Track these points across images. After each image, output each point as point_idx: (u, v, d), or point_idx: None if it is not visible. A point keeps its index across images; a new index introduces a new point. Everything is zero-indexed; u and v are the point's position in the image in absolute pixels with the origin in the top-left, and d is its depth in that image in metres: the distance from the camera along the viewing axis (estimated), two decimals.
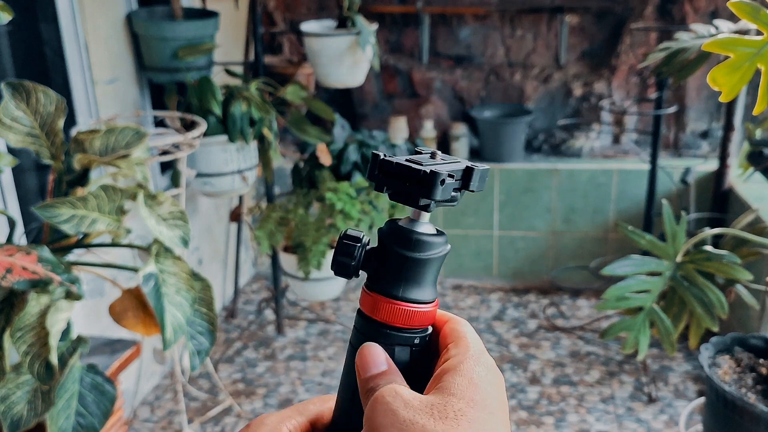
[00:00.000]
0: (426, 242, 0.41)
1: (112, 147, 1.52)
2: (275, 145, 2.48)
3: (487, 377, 0.39)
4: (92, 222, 1.39)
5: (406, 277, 0.41)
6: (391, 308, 0.41)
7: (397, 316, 0.42)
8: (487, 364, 0.40)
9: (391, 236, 0.42)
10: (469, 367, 0.39)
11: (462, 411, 0.37)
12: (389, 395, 0.38)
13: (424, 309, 0.42)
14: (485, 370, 0.40)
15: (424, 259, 0.41)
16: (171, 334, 1.42)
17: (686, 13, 3.02)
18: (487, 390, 0.38)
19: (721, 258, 1.85)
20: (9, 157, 1.44)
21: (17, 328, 1.26)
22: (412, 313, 0.42)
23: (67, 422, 1.39)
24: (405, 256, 0.41)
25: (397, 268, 0.41)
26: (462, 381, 0.38)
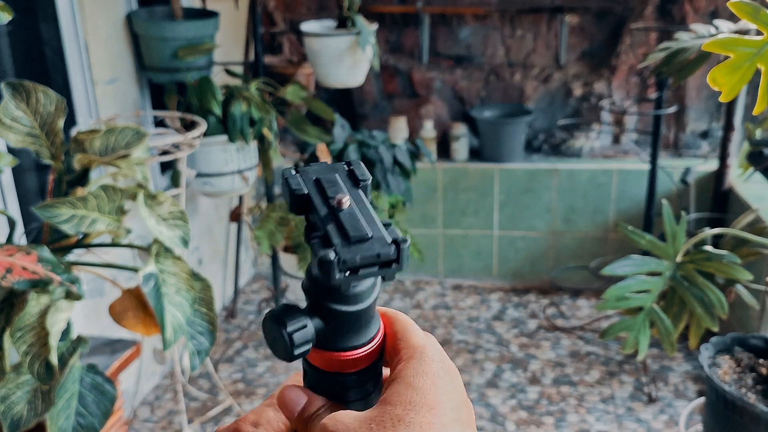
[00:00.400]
0: (351, 295, 0.38)
1: (112, 147, 1.52)
2: (275, 145, 2.48)
3: (428, 374, 0.38)
4: (92, 222, 1.39)
5: (336, 329, 0.39)
6: (328, 358, 0.40)
7: (334, 365, 0.40)
8: (428, 360, 0.39)
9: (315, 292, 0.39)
10: (410, 370, 0.38)
11: (399, 416, 0.36)
12: (331, 424, 0.38)
13: (363, 352, 0.40)
14: (426, 366, 0.38)
15: (357, 310, 0.39)
16: (171, 334, 1.42)
17: (686, 13, 3.02)
18: (427, 388, 0.37)
19: (721, 258, 1.85)
20: (9, 157, 1.44)
21: (17, 328, 1.26)
22: (349, 361, 0.40)
23: (67, 422, 1.39)
24: (331, 310, 0.38)
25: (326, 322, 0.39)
26: (400, 387, 0.38)
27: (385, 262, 0.37)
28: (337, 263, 0.35)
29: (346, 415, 0.38)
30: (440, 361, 0.39)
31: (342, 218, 0.37)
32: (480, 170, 3.17)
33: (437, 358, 0.39)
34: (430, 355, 0.39)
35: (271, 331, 0.39)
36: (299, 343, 0.38)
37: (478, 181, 3.18)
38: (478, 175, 3.17)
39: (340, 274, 0.36)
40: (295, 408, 0.41)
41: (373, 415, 0.37)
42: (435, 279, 3.33)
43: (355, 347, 0.40)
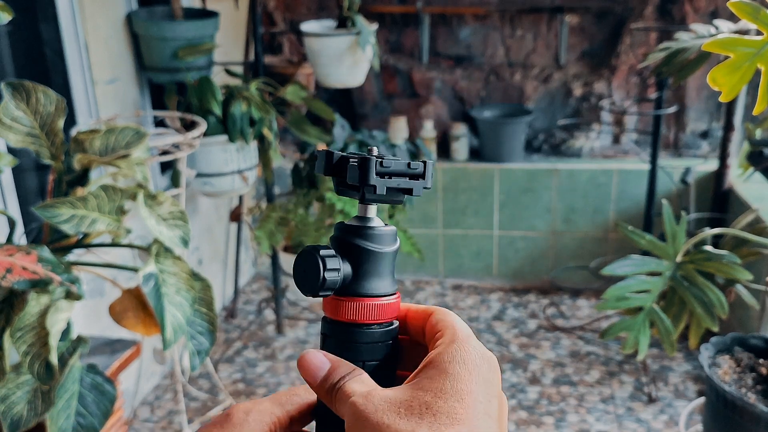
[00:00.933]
0: (379, 234, 0.42)
1: (112, 147, 1.52)
2: (275, 145, 2.48)
3: (465, 362, 0.37)
4: (92, 222, 1.39)
5: (364, 272, 0.42)
6: (353, 306, 0.41)
7: (360, 313, 0.41)
8: (468, 348, 0.38)
9: (345, 233, 0.42)
10: (448, 355, 0.38)
11: (428, 403, 0.36)
12: (361, 402, 0.37)
13: (386, 301, 0.42)
14: (465, 354, 0.38)
15: (379, 252, 0.42)
16: (171, 334, 1.42)
17: (686, 13, 3.02)
18: (461, 376, 0.37)
19: (721, 258, 1.85)
20: (9, 157, 1.44)
21: (17, 328, 1.26)
22: (374, 307, 0.42)
23: (67, 422, 1.39)
24: (361, 249, 0.41)
25: (354, 265, 0.42)
26: (433, 372, 0.37)
27: (414, 174, 0.41)
28: (375, 163, 0.40)
29: (376, 394, 0.37)
30: (480, 351, 0.39)
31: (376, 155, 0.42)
32: (480, 170, 3.17)
33: (478, 347, 0.39)
34: (472, 343, 0.39)
35: (304, 262, 0.41)
36: (331, 267, 0.40)
37: (478, 181, 3.18)
38: (478, 175, 3.17)
39: (377, 176, 0.40)
40: (317, 374, 0.40)
41: (404, 398, 0.36)
42: (435, 279, 3.33)
43: (377, 295, 0.42)
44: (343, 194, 0.43)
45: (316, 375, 0.40)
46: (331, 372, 0.40)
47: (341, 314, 0.42)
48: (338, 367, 0.40)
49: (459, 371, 0.37)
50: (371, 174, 0.40)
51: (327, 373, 0.40)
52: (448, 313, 0.42)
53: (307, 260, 0.41)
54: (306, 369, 0.41)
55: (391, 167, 0.41)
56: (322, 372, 0.40)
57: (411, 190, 0.41)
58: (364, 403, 0.37)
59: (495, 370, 0.39)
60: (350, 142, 2.61)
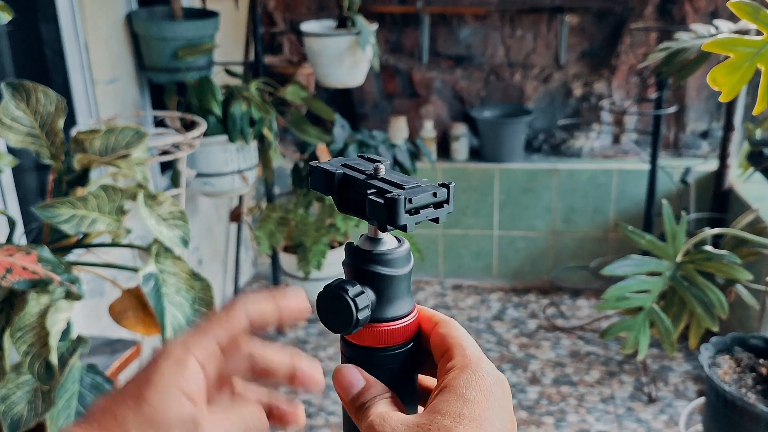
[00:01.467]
0: (397, 258, 0.41)
1: (112, 147, 1.52)
2: (275, 145, 2.48)
3: (481, 388, 0.38)
4: (92, 222, 1.39)
5: (383, 296, 0.41)
6: (377, 332, 0.41)
7: (378, 338, 0.41)
8: (482, 373, 0.39)
9: (361, 260, 0.41)
10: (463, 380, 0.38)
11: (447, 427, 0.36)
12: (378, 424, 0.38)
13: (403, 324, 0.42)
14: (480, 379, 0.38)
15: (399, 276, 0.41)
16: (171, 334, 1.42)
17: (686, 13, 3.02)
18: (479, 402, 0.37)
19: (721, 258, 1.85)
20: (9, 157, 1.44)
21: (17, 328, 1.26)
22: (391, 332, 0.41)
23: (68, 422, 1.39)
24: (381, 276, 0.40)
25: (375, 291, 0.41)
26: (451, 397, 0.38)
27: (438, 202, 0.40)
28: (404, 201, 0.38)
29: (394, 416, 0.38)
30: (494, 375, 0.39)
31: (387, 177, 0.40)
32: (480, 170, 3.17)
33: (491, 372, 0.39)
34: (485, 368, 0.39)
35: (331, 301, 0.40)
36: (362, 306, 0.40)
37: (478, 181, 3.18)
38: (478, 175, 3.17)
39: (406, 214, 0.38)
40: (351, 390, 0.41)
41: (421, 421, 0.37)
42: (435, 279, 3.33)
43: (399, 317, 0.41)
44: (348, 214, 0.41)
45: (349, 390, 0.41)
46: (364, 391, 0.41)
47: (365, 340, 0.41)
48: (372, 387, 0.41)
49: (476, 397, 0.37)
50: (400, 214, 0.38)
51: (360, 391, 0.41)
52: (454, 327, 0.42)
53: (335, 300, 0.40)
54: (340, 383, 0.41)
55: (419, 202, 0.39)
56: (355, 389, 0.41)
57: (437, 219, 0.40)
58: (381, 423, 0.38)
59: (507, 393, 0.39)
60: (350, 142, 2.61)
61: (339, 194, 0.41)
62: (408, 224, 0.38)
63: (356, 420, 0.40)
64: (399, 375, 0.42)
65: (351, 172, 0.41)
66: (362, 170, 0.41)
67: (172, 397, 0.38)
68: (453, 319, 0.43)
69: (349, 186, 0.41)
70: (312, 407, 2.45)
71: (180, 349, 0.40)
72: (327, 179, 0.41)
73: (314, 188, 0.42)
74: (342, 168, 0.41)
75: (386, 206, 0.38)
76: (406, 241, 0.42)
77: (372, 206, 0.39)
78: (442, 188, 0.40)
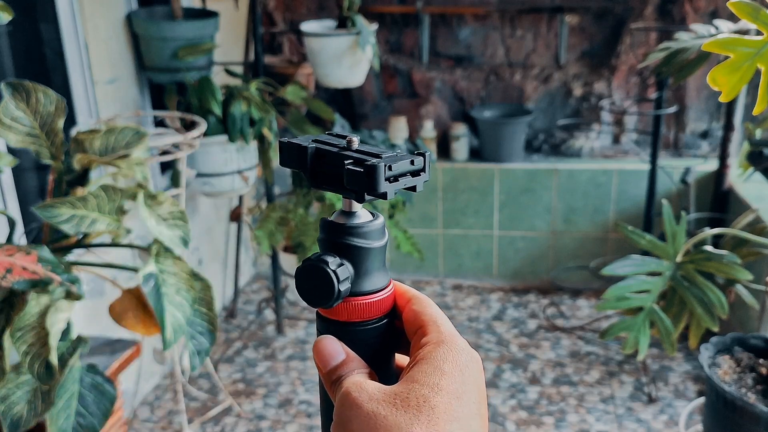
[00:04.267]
0: (371, 230, 0.41)
1: (112, 147, 1.52)
2: (275, 145, 2.48)
3: (457, 363, 0.38)
4: (92, 222, 1.39)
5: (359, 270, 0.41)
6: (353, 306, 0.41)
7: (354, 312, 0.41)
8: (458, 349, 0.39)
9: (337, 233, 0.41)
10: (440, 354, 0.38)
11: (425, 397, 0.36)
12: (354, 390, 0.38)
13: (380, 297, 0.42)
14: (456, 355, 0.39)
15: (374, 248, 0.41)
16: (171, 334, 1.42)
17: (686, 13, 3.02)
18: (455, 375, 0.37)
19: (721, 258, 1.85)
20: (9, 157, 1.44)
21: (17, 328, 1.26)
22: (367, 305, 0.41)
23: (67, 422, 1.39)
24: (357, 248, 0.40)
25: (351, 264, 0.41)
26: (428, 368, 0.38)
27: (415, 170, 0.40)
28: (384, 168, 0.38)
29: (370, 384, 0.38)
30: (468, 352, 0.39)
31: (361, 148, 0.40)
32: (480, 170, 3.17)
33: (466, 349, 0.40)
34: (460, 344, 0.40)
35: (312, 275, 0.40)
36: (343, 278, 0.40)
37: (478, 181, 3.18)
38: (478, 175, 3.17)
39: (385, 182, 0.38)
40: (329, 361, 0.41)
41: (398, 390, 0.37)
42: (435, 279, 3.33)
43: (375, 291, 0.41)
44: (322, 189, 0.41)
45: (327, 362, 0.41)
46: (343, 364, 0.40)
47: (341, 315, 0.41)
48: (351, 361, 0.41)
49: (452, 371, 0.38)
50: (380, 182, 0.38)
51: (339, 364, 0.40)
52: (427, 304, 0.42)
53: (315, 274, 0.40)
54: (320, 354, 0.41)
55: (398, 170, 0.39)
56: (335, 361, 0.41)
57: (414, 187, 0.40)
58: (357, 390, 0.38)
59: (481, 370, 0.40)
60: None
61: (312, 169, 0.41)
62: (388, 192, 0.38)
63: (331, 393, 0.40)
64: (375, 351, 0.42)
65: (324, 146, 0.41)
66: (335, 144, 0.41)
67: None
68: (425, 296, 0.43)
69: (323, 160, 0.40)
70: (312, 407, 2.45)
71: None
72: (299, 154, 0.41)
73: (284, 165, 0.41)
74: (314, 143, 0.41)
75: (366, 174, 0.38)
76: (381, 215, 0.42)
77: (351, 176, 0.38)
78: (419, 157, 0.40)
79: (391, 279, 0.43)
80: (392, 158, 0.39)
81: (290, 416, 2.40)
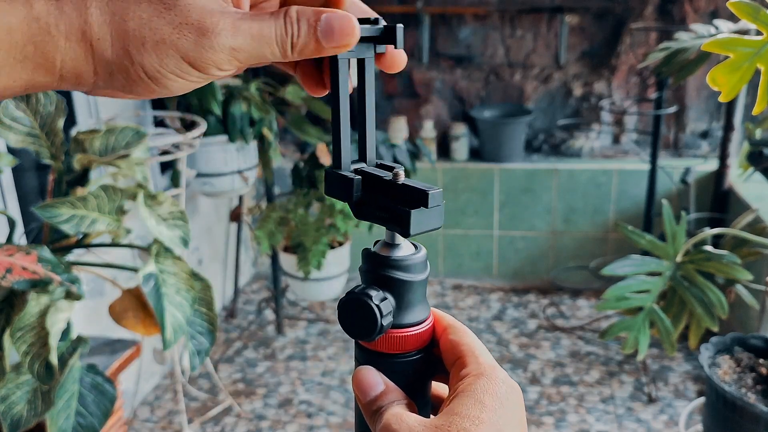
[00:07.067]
0: (414, 263, 0.41)
1: (112, 147, 1.52)
2: (275, 145, 2.48)
3: (497, 395, 0.38)
4: (92, 222, 1.39)
5: (400, 302, 0.41)
6: (394, 338, 0.41)
7: (395, 345, 0.41)
8: (498, 381, 0.39)
9: (381, 266, 0.41)
10: (480, 386, 0.39)
11: (466, 430, 0.36)
12: (395, 422, 0.38)
13: (420, 330, 0.42)
14: (496, 387, 0.39)
15: (418, 281, 0.41)
16: (171, 334, 1.42)
17: (686, 13, 3.02)
18: (495, 408, 0.38)
19: (721, 258, 1.85)
20: (9, 157, 1.44)
21: (17, 328, 1.26)
22: (408, 338, 0.41)
23: (67, 422, 1.39)
24: (400, 281, 0.41)
25: (394, 297, 0.41)
26: (469, 401, 0.38)
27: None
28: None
29: (410, 416, 0.39)
30: (508, 384, 0.40)
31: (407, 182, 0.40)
32: (480, 170, 3.17)
33: (506, 380, 0.40)
34: (500, 376, 0.40)
35: (355, 308, 0.40)
36: (386, 312, 0.40)
37: (478, 181, 3.18)
38: (478, 175, 3.17)
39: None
40: (369, 392, 0.41)
41: (439, 422, 0.37)
42: (435, 279, 3.33)
43: (416, 323, 0.41)
44: (366, 220, 0.42)
45: (367, 393, 0.41)
46: (382, 395, 0.41)
47: (380, 346, 0.41)
48: (390, 392, 0.41)
49: (492, 404, 0.38)
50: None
51: (378, 395, 0.41)
52: (465, 334, 0.42)
53: (358, 307, 0.40)
54: (359, 385, 0.41)
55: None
56: (374, 392, 0.41)
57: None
58: (397, 422, 0.38)
59: (521, 401, 0.40)
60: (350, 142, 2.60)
61: (357, 201, 0.41)
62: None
63: (371, 423, 0.41)
64: (413, 381, 0.42)
65: (369, 178, 0.41)
66: (380, 176, 0.41)
67: None
68: (463, 324, 0.43)
69: (368, 192, 0.41)
70: (312, 407, 2.45)
71: None
72: (344, 185, 0.41)
73: (329, 194, 0.42)
74: (358, 175, 0.41)
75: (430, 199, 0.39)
76: (423, 248, 0.42)
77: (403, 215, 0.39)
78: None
79: (432, 309, 0.44)
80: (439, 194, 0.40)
81: (290, 416, 2.40)
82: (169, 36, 0.35)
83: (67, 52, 0.35)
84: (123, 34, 0.35)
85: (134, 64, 0.35)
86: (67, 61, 0.35)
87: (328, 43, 0.37)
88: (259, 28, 0.36)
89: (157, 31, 0.35)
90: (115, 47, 0.35)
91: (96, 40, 0.35)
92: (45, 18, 0.34)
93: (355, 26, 0.38)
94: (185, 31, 0.35)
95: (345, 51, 0.38)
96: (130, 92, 0.37)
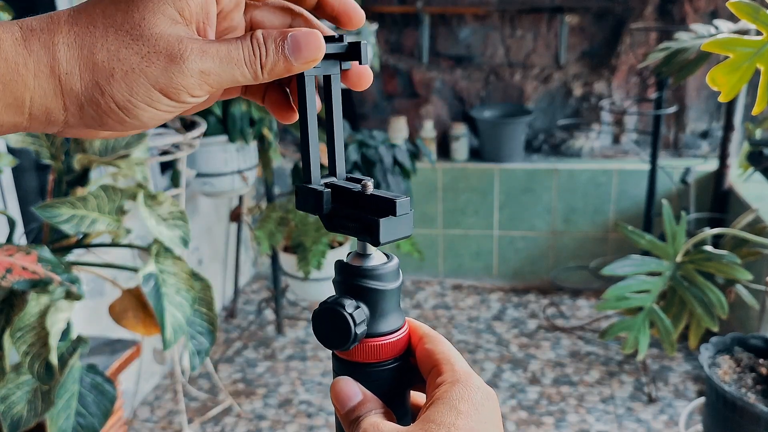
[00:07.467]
0: (386, 272, 0.42)
1: (112, 147, 1.52)
2: (275, 145, 2.48)
3: (473, 401, 0.39)
4: (92, 222, 1.39)
5: (374, 311, 0.41)
6: (368, 348, 0.42)
7: (370, 354, 0.42)
8: (473, 388, 0.40)
9: (353, 275, 0.42)
10: (455, 393, 0.39)
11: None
12: (372, 431, 0.39)
13: (395, 338, 0.42)
14: (472, 393, 0.39)
15: (390, 290, 0.42)
16: (171, 334, 1.42)
17: (686, 13, 3.02)
18: (471, 414, 0.38)
19: (721, 258, 1.85)
20: (9, 157, 1.44)
21: (17, 328, 1.26)
22: (383, 347, 0.42)
23: (67, 422, 1.39)
24: (373, 290, 0.41)
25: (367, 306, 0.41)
26: (444, 408, 0.38)
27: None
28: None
29: (388, 425, 0.39)
30: (483, 390, 0.40)
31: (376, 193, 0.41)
32: (480, 170, 3.17)
33: (481, 387, 0.40)
34: (475, 383, 0.40)
35: (328, 318, 0.41)
36: (359, 321, 0.40)
37: (478, 181, 3.18)
38: (478, 175, 3.17)
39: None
40: (347, 403, 0.41)
41: (415, 430, 0.37)
42: (435, 279, 3.33)
43: (390, 332, 0.42)
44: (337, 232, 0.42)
45: (345, 403, 0.41)
46: (360, 405, 0.41)
47: (356, 356, 0.42)
48: (368, 401, 0.41)
49: (468, 410, 0.38)
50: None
51: (356, 405, 0.41)
52: (440, 342, 0.43)
53: (332, 317, 0.40)
54: (337, 395, 0.42)
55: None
56: (352, 402, 0.41)
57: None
58: (374, 431, 0.39)
59: (497, 407, 0.40)
60: (350, 142, 2.61)
61: (327, 214, 0.42)
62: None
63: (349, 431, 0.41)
64: (390, 390, 0.43)
65: (338, 191, 0.42)
66: (350, 189, 0.42)
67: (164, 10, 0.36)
68: (438, 333, 0.44)
69: (338, 205, 0.42)
70: (312, 407, 2.45)
71: None
72: (315, 199, 0.42)
73: (301, 209, 0.42)
74: (328, 188, 0.42)
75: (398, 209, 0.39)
76: (395, 257, 0.43)
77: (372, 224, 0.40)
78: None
79: (406, 318, 0.44)
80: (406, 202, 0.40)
81: (290, 416, 2.40)
82: (138, 65, 0.35)
83: (36, 90, 0.35)
84: (92, 66, 0.35)
85: (104, 95, 0.35)
86: (36, 99, 0.35)
87: (297, 60, 0.38)
88: (227, 50, 0.37)
89: (126, 62, 0.35)
90: (84, 80, 0.35)
91: (64, 74, 0.35)
92: (13, 58, 0.35)
93: (321, 40, 0.38)
94: (153, 59, 0.35)
95: (313, 66, 0.39)
96: (101, 125, 0.37)
